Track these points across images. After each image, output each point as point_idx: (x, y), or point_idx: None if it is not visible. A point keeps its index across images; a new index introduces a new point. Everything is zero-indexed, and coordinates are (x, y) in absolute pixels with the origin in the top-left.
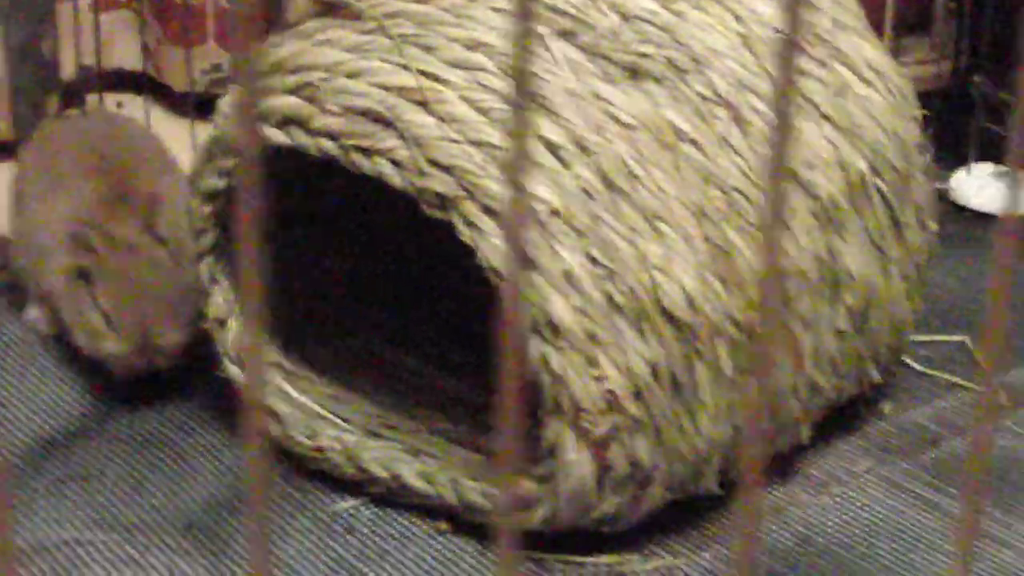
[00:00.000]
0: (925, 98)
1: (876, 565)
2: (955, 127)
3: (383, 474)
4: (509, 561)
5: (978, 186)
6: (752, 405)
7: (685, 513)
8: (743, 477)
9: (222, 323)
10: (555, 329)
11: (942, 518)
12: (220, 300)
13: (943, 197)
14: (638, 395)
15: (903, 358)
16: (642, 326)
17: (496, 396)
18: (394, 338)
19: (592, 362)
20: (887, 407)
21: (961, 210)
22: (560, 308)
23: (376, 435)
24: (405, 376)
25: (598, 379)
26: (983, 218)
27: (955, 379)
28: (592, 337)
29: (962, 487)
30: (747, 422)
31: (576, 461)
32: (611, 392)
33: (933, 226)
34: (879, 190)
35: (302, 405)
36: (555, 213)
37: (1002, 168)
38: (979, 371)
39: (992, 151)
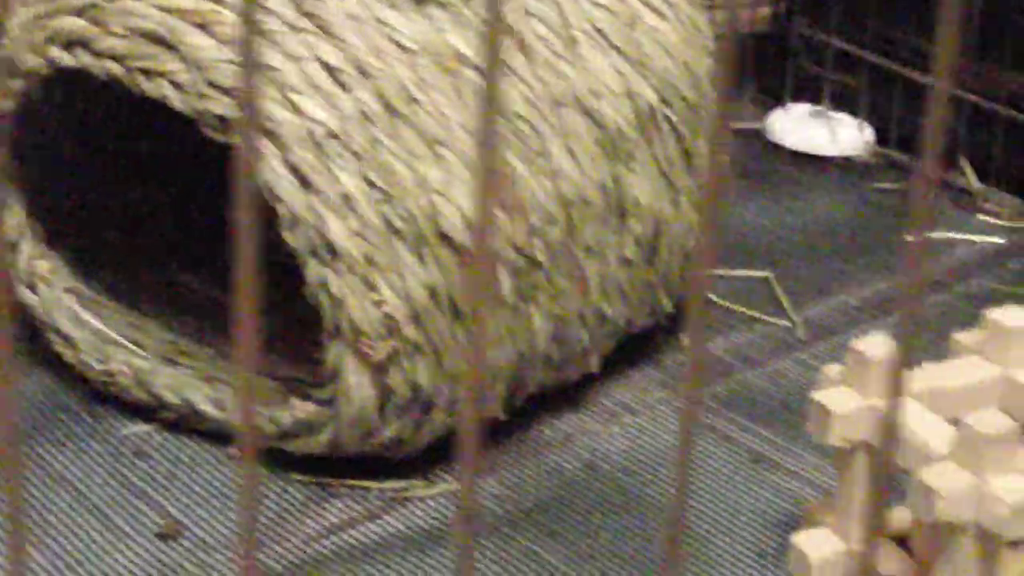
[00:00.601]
0: (748, 40)
1: (660, 491)
2: (775, 68)
3: (174, 400)
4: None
5: (794, 125)
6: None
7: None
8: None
9: (13, 246)
10: (333, 252)
11: (729, 447)
12: (11, 223)
13: (760, 136)
14: (416, 319)
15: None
16: (421, 250)
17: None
18: (194, 266)
19: (370, 285)
20: (685, 339)
21: (776, 148)
22: (338, 231)
23: (171, 361)
24: (203, 303)
25: (376, 303)
26: (797, 157)
27: (755, 313)
28: (370, 260)
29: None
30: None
31: (357, 385)
32: (389, 316)
33: (725, 158)
34: (668, 120)
35: (97, 330)
36: (332, 135)
37: (818, 108)
38: (779, 306)
39: (808, 91)
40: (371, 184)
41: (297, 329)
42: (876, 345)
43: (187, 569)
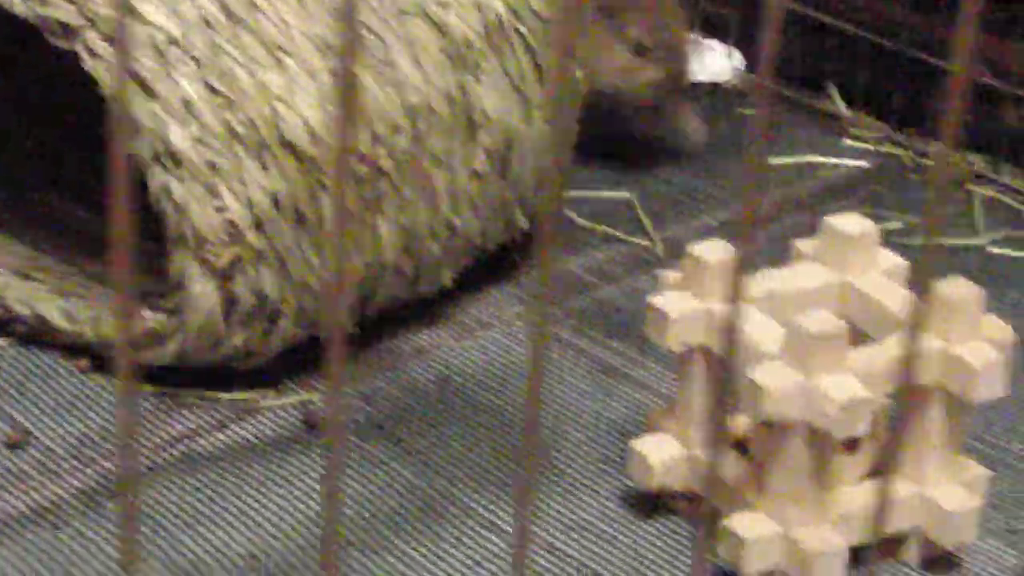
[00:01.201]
0: None
1: (508, 402)
2: None
3: (26, 312)
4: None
5: None
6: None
7: (322, 350)
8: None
9: None
10: (175, 158)
11: (582, 359)
12: None
13: None
14: (259, 226)
15: (566, 212)
16: (263, 157)
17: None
18: (52, 183)
19: (213, 192)
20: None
21: None
22: (179, 137)
23: (25, 276)
24: (61, 220)
25: (219, 210)
26: None
27: (615, 232)
28: (212, 167)
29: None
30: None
31: (202, 293)
32: (232, 223)
33: (580, 75)
34: (519, 33)
35: None
36: (173, 42)
37: (700, 38)
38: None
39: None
40: (212, 90)
41: (147, 239)
42: (713, 250)
43: (34, 477)
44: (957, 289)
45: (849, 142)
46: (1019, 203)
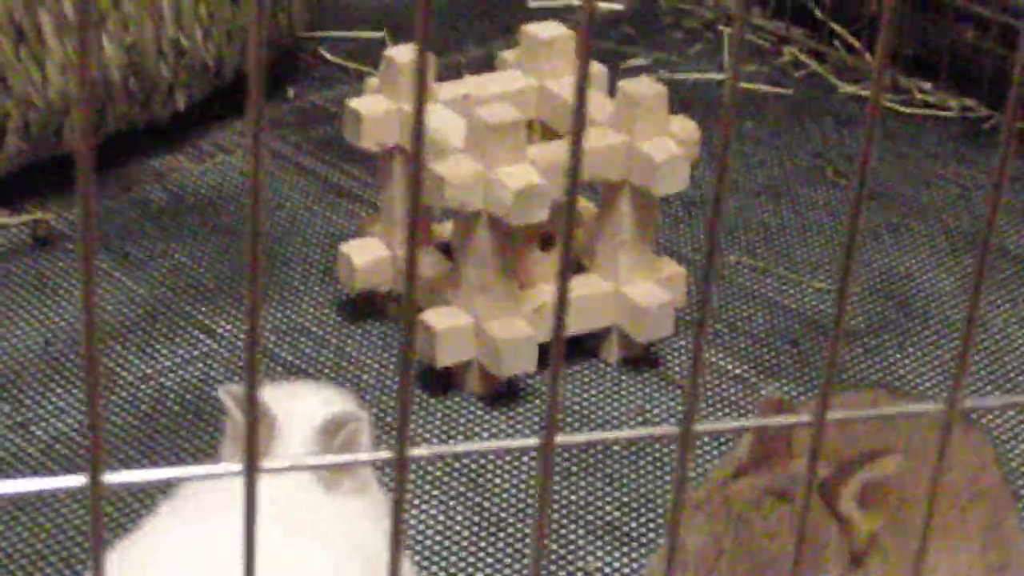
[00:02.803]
0: None
1: (239, 223)
2: None
3: None
4: None
5: None
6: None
7: (57, 172)
8: None
9: None
10: None
11: (314, 182)
12: None
13: None
14: None
15: (320, 50)
16: None
17: None
18: None
19: None
20: (291, 91)
21: None
22: None
23: None
24: None
25: None
26: None
27: (365, 68)
28: None
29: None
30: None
31: None
32: None
33: None
34: None
35: None
36: None
37: None
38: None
39: None
40: None
41: None
42: (405, 53)
43: None
44: (643, 88)
45: None
46: (763, 41)
